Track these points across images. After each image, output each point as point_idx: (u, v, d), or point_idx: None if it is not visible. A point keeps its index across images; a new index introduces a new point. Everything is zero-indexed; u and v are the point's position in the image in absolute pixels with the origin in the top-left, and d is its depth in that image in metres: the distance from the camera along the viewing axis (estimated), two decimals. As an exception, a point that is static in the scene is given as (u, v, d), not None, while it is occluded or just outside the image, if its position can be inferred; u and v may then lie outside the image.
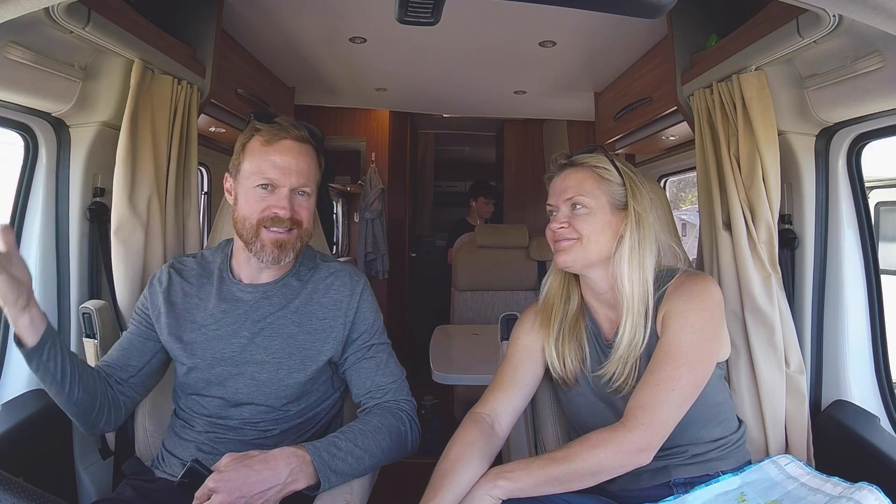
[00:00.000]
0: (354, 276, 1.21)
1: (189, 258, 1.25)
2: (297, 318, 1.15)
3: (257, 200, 1.09)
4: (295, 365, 1.12)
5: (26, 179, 1.29)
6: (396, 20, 0.76)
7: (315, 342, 1.14)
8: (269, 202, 1.08)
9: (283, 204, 1.08)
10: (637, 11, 0.70)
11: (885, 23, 0.73)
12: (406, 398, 1.16)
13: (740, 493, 0.98)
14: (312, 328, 1.15)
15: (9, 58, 1.04)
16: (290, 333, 1.13)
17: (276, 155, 1.09)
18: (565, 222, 1.07)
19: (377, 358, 1.17)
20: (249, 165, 1.10)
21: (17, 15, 0.81)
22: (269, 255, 1.09)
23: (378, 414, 1.11)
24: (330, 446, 1.00)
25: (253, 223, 1.09)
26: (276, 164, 1.08)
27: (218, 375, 1.12)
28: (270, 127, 1.11)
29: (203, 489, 0.90)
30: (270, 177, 1.08)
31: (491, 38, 2.01)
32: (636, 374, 1.02)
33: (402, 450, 1.11)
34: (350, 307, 1.17)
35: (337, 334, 1.15)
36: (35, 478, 1.15)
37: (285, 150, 1.09)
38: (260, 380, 1.11)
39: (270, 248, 1.09)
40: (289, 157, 1.09)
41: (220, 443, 1.12)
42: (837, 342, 1.26)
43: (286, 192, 1.09)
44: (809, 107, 1.21)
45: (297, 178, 1.09)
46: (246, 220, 1.09)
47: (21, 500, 0.64)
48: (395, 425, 1.10)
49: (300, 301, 1.16)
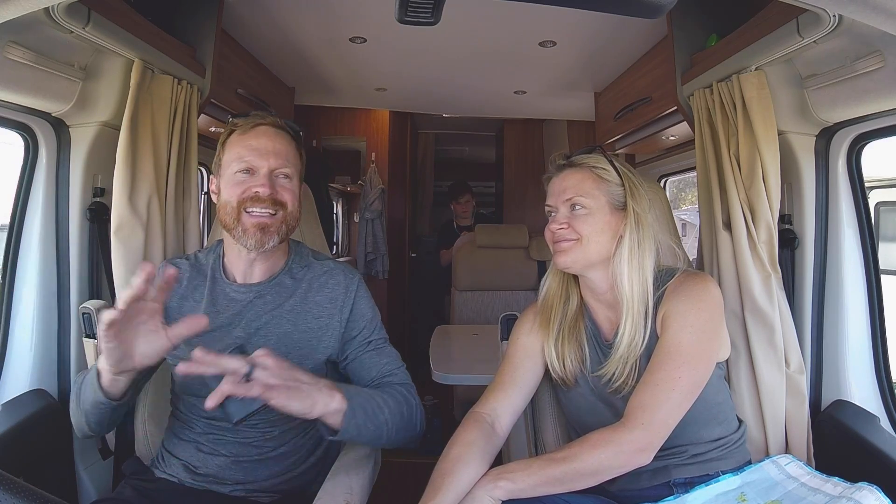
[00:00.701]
0: (349, 274, 1.21)
1: (182, 260, 1.24)
2: (292, 317, 1.14)
3: (237, 184, 1.09)
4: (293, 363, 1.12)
5: (26, 179, 1.29)
6: (396, 20, 0.75)
7: (311, 340, 1.14)
8: (248, 184, 1.09)
9: (261, 182, 1.08)
10: (637, 11, 0.70)
11: (885, 23, 0.73)
12: (408, 382, 1.17)
13: (740, 493, 0.98)
14: (308, 326, 1.14)
15: (9, 58, 1.04)
16: (285, 332, 1.13)
17: (253, 139, 1.10)
18: (565, 223, 1.06)
19: (377, 351, 1.18)
20: (228, 157, 1.12)
21: (17, 15, 0.81)
22: (251, 237, 1.08)
23: (388, 392, 1.11)
24: (357, 391, 1.03)
25: (234, 205, 1.09)
26: (253, 147, 1.09)
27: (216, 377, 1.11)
28: (245, 119, 1.13)
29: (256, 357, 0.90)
30: (248, 160, 1.09)
31: (491, 38, 2.01)
32: (636, 374, 1.02)
33: (411, 428, 1.11)
34: (345, 305, 1.17)
35: (333, 332, 1.15)
36: (35, 478, 1.15)
37: (261, 134, 1.11)
38: None
39: (253, 230, 1.08)
40: (265, 140, 1.10)
41: (220, 444, 1.12)
42: (837, 342, 1.26)
43: (265, 172, 1.09)
44: (809, 107, 1.21)
45: (276, 159, 1.10)
46: (227, 205, 1.09)
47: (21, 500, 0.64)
48: (405, 398, 1.11)
49: (295, 300, 1.15)
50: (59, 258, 1.33)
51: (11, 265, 1.29)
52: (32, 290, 1.29)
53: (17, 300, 1.29)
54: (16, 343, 1.28)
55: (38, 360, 1.28)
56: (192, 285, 1.18)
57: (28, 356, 1.28)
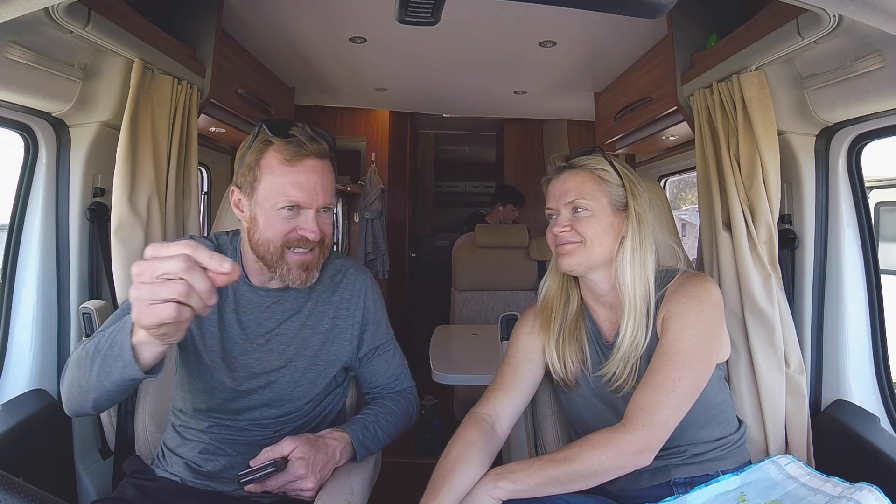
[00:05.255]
0: (360, 272, 1.22)
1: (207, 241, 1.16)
2: (310, 320, 1.15)
3: (282, 222, 1.02)
4: (308, 367, 1.14)
5: (26, 179, 1.29)
6: (396, 20, 0.76)
7: (325, 342, 1.16)
8: (294, 224, 1.03)
9: (312, 227, 1.03)
10: (637, 11, 0.70)
11: (885, 23, 0.73)
12: (410, 384, 1.29)
13: (740, 493, 0.98)
14: (324, 328, 1.16)
15: (9, 58, 1.04)
16: (304, 337, 1.14)
17: (302, 175, 1.01)
18: (567, 226, 1.06)
19: (387, 354, 1.24)
20: (270, 186, 1.02)
21: (17, 15, 0.81)
22: (296, 278, 1.05)
23: (392, 399, 1.23)
24: (363, 429, 1.13)
25: (278, 245, 1.03)
26: (303, 186, 1.01)
27: (233, 379, 1.11)
28: (288, 143, 1.02)
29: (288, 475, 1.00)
30: (297, 200, 1.01)
31: (491, 39, 2.01)
32: (636, 374, 1.02)
33: (408, 425, 1.25)
34: (357, 306, 1.19)
35: (348, 335, 1.18)
36: (35, 478, 1.15)
37: (310, 170, 1.02)
38: (276, 384, 1.12)
39: (297, 271, 1.05)
40: (314, 177, 1.02)
41: (226, 442, 1.12)
42: (837, 342, 1.26)
43: (313, 214, 1.03)
44: (809, 107, 1.21)
45: (324, 198, 1.04)
46: (270, 244, 1.03)
47: (21, 500, 0.64)
48: (405, 407, 1.24)
49: (312, 303, 1.16)
50: (59, 258, 1.33)
51: (11, 265, 1.29)
52: (32, 290, 1.29)
53: (17, 300, 1.29)
54: (16, 343, 1.29)
55: (38, 360, 1.29)
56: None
57: (28, 356, 1.28)
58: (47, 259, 1.31)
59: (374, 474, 1.17)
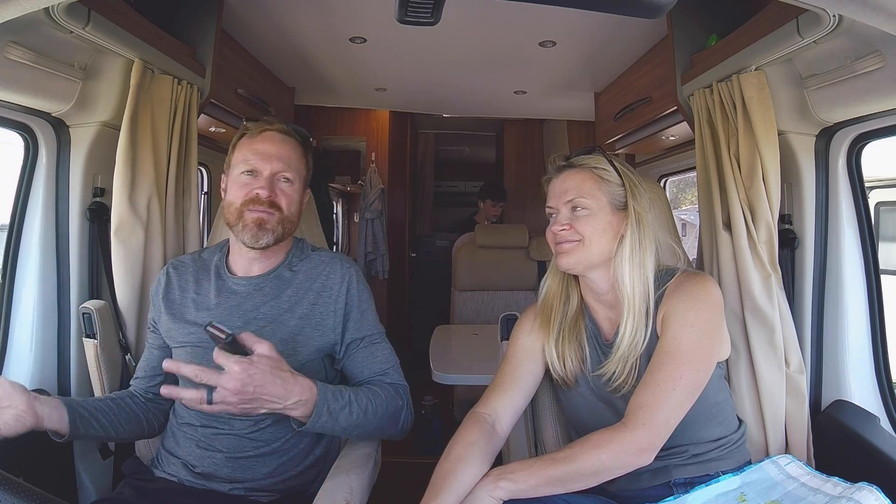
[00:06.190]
0: (345, 263, 1.23)
1: (187, 257, 1.29)
2: (289, 305, 1.17)
3: (241, 186, 1.15)
4: (287, 350, 1.12)
5: (26, 179, 1.29)
6: (396, 20, 0.76)
7: (304, 327, 1.16)
8: (251, 186, 1.14)
9: (262, 184, 1.14)
10: (637, 11, 0.70)
11: (885, 23, 0.73)
12: (401, 381, 1.21)
13: (740, 493, 0.98)
14: (304, 312, 1.16)
15: (9, 58, 1.04)
16: (282, 321, 1.15)
17: (259, 143, 1.16)
18: (567, 224, 1.06)
19: (373, 347, 1.21)
20: (236, 157, 1.18)
21: (17, 15, 0.81)
22: (248, 232, 1.12)
23: (379, 385, 1.17)
24: (336, 391, 1.06)
25: (237, 206, 1.14)
26: (258, 151, 1.15)
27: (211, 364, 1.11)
28: (256, 123, 1.20)
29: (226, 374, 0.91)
30: (252, 163, 1.15)
31: (491, 39, 2.01)
32: (636, 373, 1.02)
33: (394, 423, 1.15)
34: (340, 293, 1.19)
35: (330, 321, 1.17)
36: (35, 478, 1.14)
37: (267, 139, 1.17)
38: None
39: (252, 227, 1.12)
40: (269, 145, 1.16)
41: (216, 439, 1.12)
42: (837, 342, 1.26)
43: (267, 175, 1.14)
44: (809, 107, 1.21)
45: (277, 163, 1.15)
46: (231, 205, 1.15)
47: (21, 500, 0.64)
48: (392, 397, 1.15)
49: (292, 290, 1.18)
50: (59, 258, 1.33)
51: (11, 265, 1.29)
52: (32, 290, 1.29)
53: (17, 300, 1.29)
54: (16, 343, 1.29)
55: (38, 360, 1.29)
56: (195, 279, 1.22)
57: (28, 356, 1.28)
58: (47, 259, 1.31)
59: (374, 474, 1.17)
